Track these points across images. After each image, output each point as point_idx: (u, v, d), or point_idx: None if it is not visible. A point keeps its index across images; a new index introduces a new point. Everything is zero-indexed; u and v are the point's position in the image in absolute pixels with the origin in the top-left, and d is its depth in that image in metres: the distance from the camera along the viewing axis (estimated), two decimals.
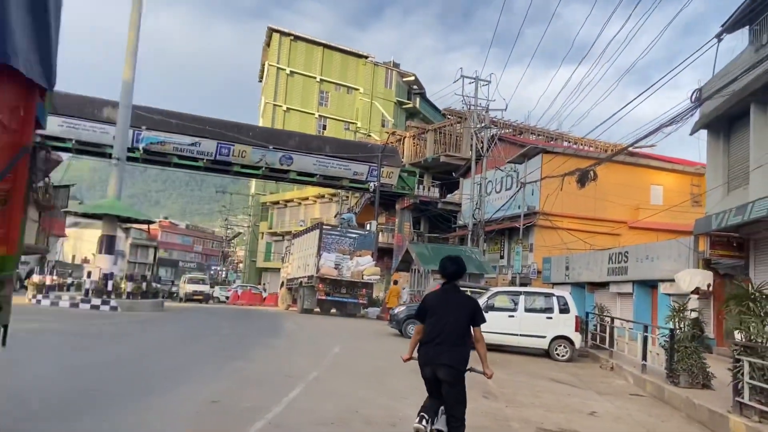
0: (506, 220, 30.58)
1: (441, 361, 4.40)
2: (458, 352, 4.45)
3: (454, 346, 4.43)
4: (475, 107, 29.96)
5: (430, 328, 4.53)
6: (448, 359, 4.39)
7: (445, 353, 4.40)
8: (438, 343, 4.43)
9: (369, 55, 63.53)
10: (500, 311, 14.64)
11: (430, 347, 4.46)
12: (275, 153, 31.41)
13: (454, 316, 4.50)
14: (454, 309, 4.55)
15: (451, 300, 4.61)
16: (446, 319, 4.48)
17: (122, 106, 19.32)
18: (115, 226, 19.75)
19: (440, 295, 4.73)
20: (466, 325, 4.52)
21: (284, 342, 12.99)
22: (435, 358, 4.42)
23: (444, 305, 4.58)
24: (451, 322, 4.47)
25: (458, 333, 4.48)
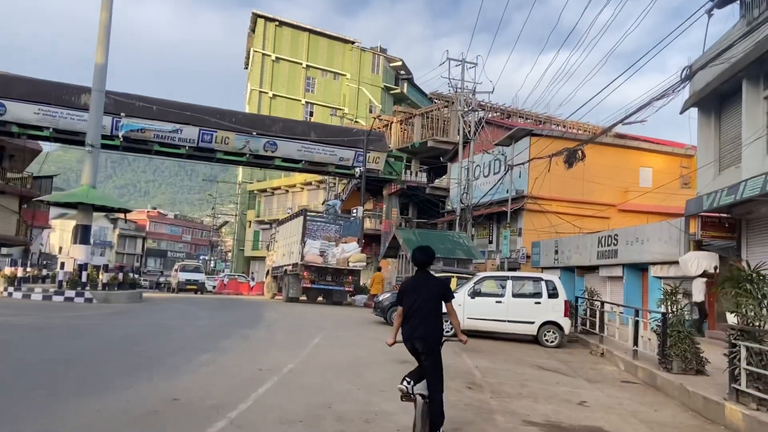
0: (495, 205, 30.14)
1: (417, 334, 5.18)
2: (432, 326, 5.24)
3: (427, 322, 5.19)
4: (461, 90, 29.39)
5: (407, 308, 5.26)
6: (422, 333, 5.18)
7: (420, 328, 5.18)
8: (414, 320, 5.17)
9: (355, 41, 62.61)
10: (487, 297, 14.22)
11: (409, 325, 5.21)
12: (259, 139, 30.70)
13: (426, 296, 5.23)
14: (426, 290, 5.27)
15: (423, 283, 5.34)
16: (420, 299, 5.21)
17: (95, 90, 18.58)
18: (90, 215, 19.04)
19: (414, 280, 5.44)
20: (437, 302, 5.28)
21: (262, 333, 12.48)
22: (412, 332, 5.18)
23: (417, 288, 5.29)
24: (424, 302, 5.20)
25: (430, 310, 5.22)
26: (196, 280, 34.32)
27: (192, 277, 34.35)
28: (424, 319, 5.21)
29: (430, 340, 5.22)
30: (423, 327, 5.20)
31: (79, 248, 18.21)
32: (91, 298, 16.94)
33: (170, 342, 10.45)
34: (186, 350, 9.57)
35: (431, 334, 5.23)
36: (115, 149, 29.92)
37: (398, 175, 34.79)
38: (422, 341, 5.18)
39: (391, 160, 34.81)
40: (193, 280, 33.86)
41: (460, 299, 14.11)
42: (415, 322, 5.20)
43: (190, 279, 34.00)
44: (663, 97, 9.79)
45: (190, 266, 37.55)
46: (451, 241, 26.40)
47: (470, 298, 14.09)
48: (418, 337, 5.17)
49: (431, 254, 5.51)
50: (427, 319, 5.21)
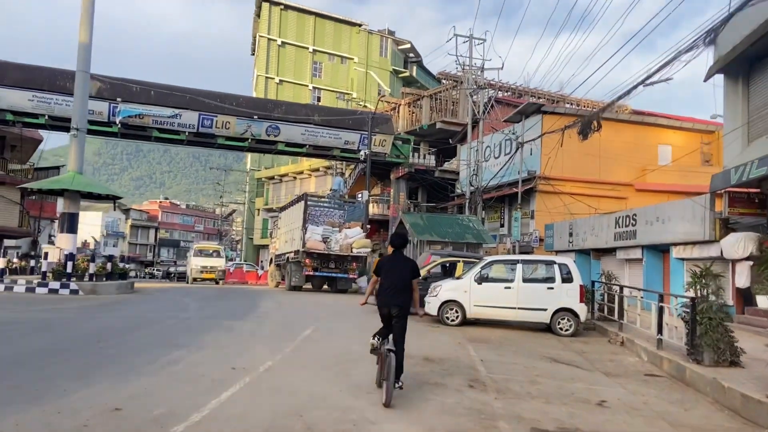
0: (506, 187, 28.96)
1: (394, 302, 6.42)
2: (404, 296, 6.49)
3: (402, 292, 6.48)
4: (469, 67, 28.11)
5: (385, 280, 6.53)
6: (398, 301, 6.43)
7: (396, 297, 6.44)
8: (390, 291, 6.47)
9: (362, 24, 61.20)
10: (496, 282, 13.15)
11: (386, 294, 6.48)
12: (261, 123, 29.69)
13: (400, 272, 6.53)
14: (401, 268, 6.58)
15: (399, 261, 6.65)
16: (396, 275, 6.52)
17: (79, 71, 17.64)
18: (77, 203, 18.17)
19: (391, 259, 6.72)
20: (409, 278, 6.54)
21: (250, 325, 11.51)
22: (390, 300, 6.43)
23: (394, 265, 6.60)
24: (399, 277, 6.51)
25: (404, 283, 6.51)
26: (214, 267, 28.21)
27: (209, 263, 28.15)
28: (400, 291, 6.49)
29: (404, 307, 6.46)
30: (399, 297, 6.47)
31: (66, 237, 17.35)
32: (77, 290, 16.09)
33: (143, 337, 9.52)
34: (157, 347, 8.63)
35: (405, 302, 6.49)
36: (114, 136, 29.09)
37: (406, 158, 33.63)
38: (398, 308, 6.42)
39: (398, 143, 33.66)
40: (210, 267, 27.79)
41: (466, 285, 13.08)
42: (392, 292, 6.48)
43: (206, 266, 27.94)
44: (692, 49, 8.56)
45: (207, 249, 30.59)
46: (460, 225, 25.31)
47: (477, 284, 13.03)
48: (395, 304, 6.42)
49: (406, 238, 7.13)
50: (402, 292, 6.51)
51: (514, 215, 23.77)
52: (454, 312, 13.10)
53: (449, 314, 13.10)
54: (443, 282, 13.60)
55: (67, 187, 17.23)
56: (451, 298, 13.11)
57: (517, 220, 23.41)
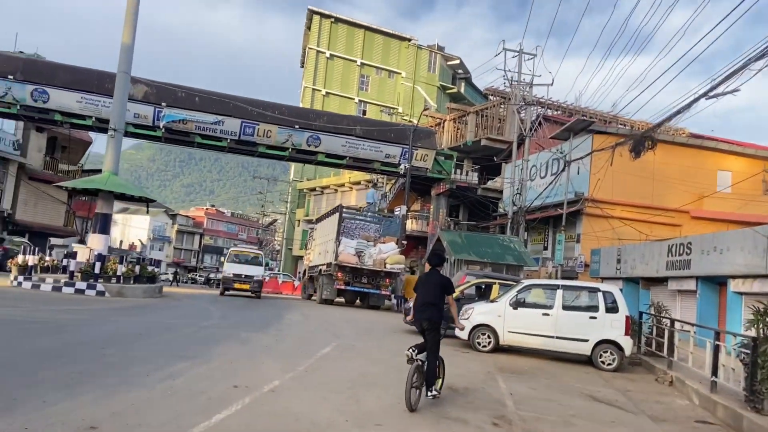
0: (551, 208, 27.82)
1: (425, 316, 6.89)
2: (436, 311, 6.92)
3: (432, 307, 6.92)
4: (518, 83, 27.24)
5: (419, 296, 7.04)
6: (429, 315, 6.89)
7: (427, 311, 6.91)
8: (424, 305, 6.94)
9: (412, 38, 60.97)
10: (533, 308, 12.22)
11: (419, 308, 6.97)
12: (302, 133, 29.48)
13: (433, 289, 6.99)
14: (434, 285, 7.02)
15: (433, 279, 7.08)
16: (429, 290, 7.01)
17: (120, 72, 17.66)
18: (111, 203, 18.09)
19: (427, 276, 7.21)
20: (441, 294, 7.00)
21: (269, 338, 10.93)
22: (422, 314, 6.91)
23: (428, 282, 7.08)
24: (431, 293, 6.98)
25: (436, 299, 6.96)
26: (250, 276, 23.15)
27: (245, 270, 23.34)
28: (431, 306, 6.95)
29: (435, 321, 6.91)
30: (429, 311, 6.92)
31: (97, 238, 17.25)
32: (104, 291, 15.89)
33: (152, 345, 9.04)
34: (162, 357, 8.11)
35: (436, 317, 6.92)
36: (157, 140, 29.38)
37: (447, 174, 32.84)
38: (429, 321, 6.87)
39: (440, 159, 32.93)
40: (245, 277, 23.01)
41: (501, 309, 12.20)
42: (423, 307, 6.96)
43: (241, 274, 23.13)
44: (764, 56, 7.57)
45: (246, 255, 25.79)
46: (500, 246, 24.34)
47: (512, 309, 12.14)
48: (426, 318, 6.89)
49: (443, 257, 7.62)
50: (433, 306, 6.94)
51: (557, 237, 22.63)
52: (486, 337, 12.23)
53: (481, 339, 12.24)
54: (476, 304, 12.76)
55: (101, 187, 17.18)
56: (484, 322, 12.26)
57: (561, 242, 22.28)
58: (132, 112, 27.43)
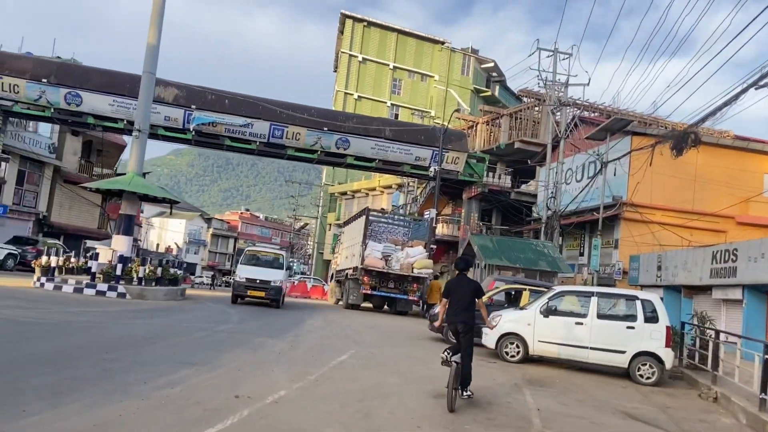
0: (587, 212, 26.80)
1: (459, 319, 7.31)
2: (468, 314, 7.33)
3: (465, 311, 7.34)
4: (552, 83, 26.36)
5: (452, 301, 7.46)
6: (462, 319, 7.31)
7: (460, 315, 7.33)
8: (457, 310, 7.37)
9: (445, 41, 60.30)
10: (565, 316, 11.48)
11: (453, 312, 7.41)
12: (331, 135, 29.14)
13: (464, 294, 7.42)
14: (465, 289, 7.46)
15: (463, 284, 7.53)
16: (460, 295, 7.43)
17: (145, 72, 17.57)
18: (135, 205, 17.99)
19: (457, 281, 7.62)
20: (471, 299, 7.42)
21: (284, 344, 10.45)
22: (455, 318, 7.35)
23: (459, 287, 7.50)
24: (463, 298, 7.41)
25: (467, 303, 7.38)
26: (266, 282, 18.67)
27: (260, 275, 18.88)
28: (464, 309, 7.26)
29: (468, 324, 7.20)
30: (463, 315, 7.24)
31: (121, 239, 17.12)
32: (124, 293, 15.70)
33: (158, 350, 8.65)
34: (166, 363, 7.71)
35: (470, 320, 7.24)
36: (187, 143, 29.45)
37: (480, 177, 32.05)
38: (463, 324, 7.18)
39: (472, 162, 32.19)
40: (260, 282, 18.65)
41: (530, 317, 11.49)
42: (457, 311, 7.28)
43: (256, 279, 18.70)
44: None
45: (266, 255, 21.36)
46: (534, 251, 23.49)
47: (543, 317, 11.41)
48: (460, 321, 7.20)
49: (469, 261, 8.08)
50: (466, 310, 7.26)
51: (594, 243, 21.68)
52: (514, 347, 11.53)
53: (509, 349, 11.54)
54: (504, 312, 12.07)
55: (124, 188, 17.08)
56: (512, 330, 11.56)
57: (597, 248, 21.32)
58: (162, 115, 27.60)
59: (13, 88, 25.71)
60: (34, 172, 31.31)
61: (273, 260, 20.76)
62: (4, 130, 27.30)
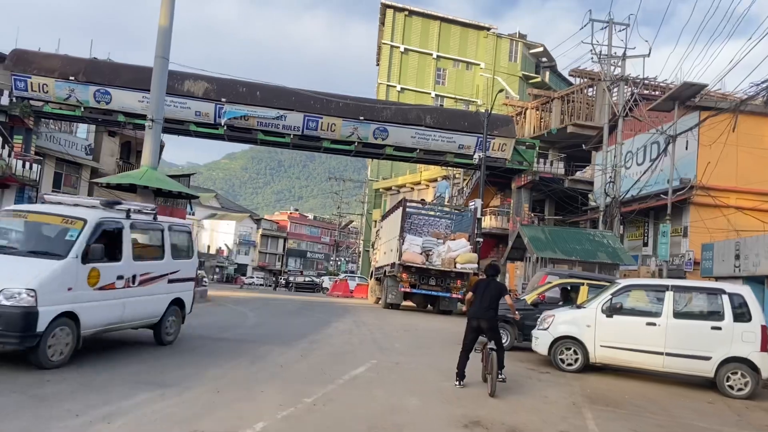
0: (651, 198, 24.24)
1: (483, 317, 7.79)
2: (492, 313, 7.85)
3: (489, 309, 7.83)
4: (607, 56, 23.93)
5: (478, 299, 7.94)
6: (486, 316, 7.79)
7: (484, 313, 7.80)
8: (482, 308, 7.82)
9: (491, 27, 57.81)
10: (633, 315, 9.45)
11: (477, 309, 7.89)
12: (368, 125, 27.47)
13: (490, 294, 7.90)
14: (492, 290, 7.95)
15: (491, 286, 8.03)
16: (486, 294, 7.89)
17: (158, 57, 16.34)
18: (150, 200, 16.74)
19: (486, 282, 8.16)
20: (496, 299, 7.91)
21: (293, 353, 8.81)
22: (481, 315, 7.80)
23: (486, 287, 7.99)
24: (488, 297, 7.87)
25: (493, 303, 7.87)
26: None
27: None
28: (487, 308, 7.85)
29: (492, 321, 7.83)
30: (487, 313, 7.83)
31: None
32: None
33: (129, 365, 7.17)
34: (125, 383, 6.22)
35: (491, 317, 7.84)
36: (220, 138, 28.39)
37: (529, 165, 29.76)
38: (486, 321, 7.79)
39: (521, 148, 29.91)
40: None
41: (590, 317, 9.51)
42: (481, 309, 7.85)
43: None
44: None
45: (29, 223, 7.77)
46: (591, 242, 21.23)
47: (605, 316, 9.40)
48: (483, 319, 7.79)
49: (498, 269, 8.76)
50: (489, 309, 7.85)
51: (662, 229, 19.23)
52: (571, 353, 9.55)
53: (564, 356, 9.57)
54: (557, 311, 10.09)
55: (135, 182, 15.90)
56: (569, 333, 9.59)
57: (666, 235, 18.86)
58: (193, 110, 26.64)
59: (42, 87, 25.20)
60: (71, 174, 30.95)
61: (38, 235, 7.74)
62: (37, 132, 26.90)
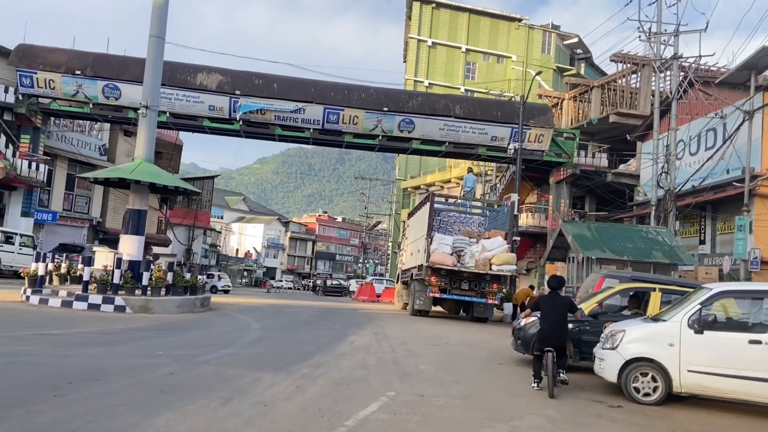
0: (707, 191, 21.74)
1: (553, 342, 7.31)
2: (562, 334, 7.46)
3: (559, 331, 7.44)
4: (656, 34, 21.49)
5: (547, 321, 7.51)
6: (557, 342, 7.34)
7: (554, 337, 7.36)
8: (549, 328, 7.42)
9: (522, 18, 55.30)
10: (730, 331, 7.22)
11: (545, 331, 7.47)
12: (393, 117, 25.51)
13: (557, 311, 7.51)
14: (557, 307, 7.57)
15: (556, 301, 7.66)
16: (553, 312, 7.50)
17: (153, 36, 14.59)
18: (145, 197, 15.00)
19: (549, 298, 7.77)
20: (565, 316, 7.56)
21: (284, 384, 6.77)
22: (549, 338, 7.34)
23: (551, 303, 7.63)
24: (555, 315, 7.48)
25: (561, 322, 7.50)
26: None
27: None
28: (557, 328, 7.43)
29: (562, 345, 7.45)
30: (557, 334, 7.41)
31: (129, 240, 14.12)
32: (124, 306, 12.63)
33: (44, 412, 5.24)
34: None
35: (562, 339, 7.47)
36: (236, 134, 26.75)
37: (569, 157, 27.37)
38: (556, 345, 7.31)
39: (559, 140, 27.59)
40: None
41: (673, 333, 7.28)
42: (550, 330, 7.41)
43: None
44: None
45: None
46: (644, 239, 18.87)
47: (693, 332, 7.17)
48: (555, 345, 7.30)
49: (562, 281, 8.05)
50: (559, 329, 7.46)
51: (738, 222, 16.74)
52: (648, 380, 7.32)
53: (640, 384, 7.34)
54: (628, 325, 7.87)
55: (125, 176, 14.16)
56: (645, 354, 7.36)
57: (744, 229, 16.36)
58: (207, 104, 25.12)
59: (48, 83, 23.90)
60: None
61: None
62: (46, 131, 25.66)
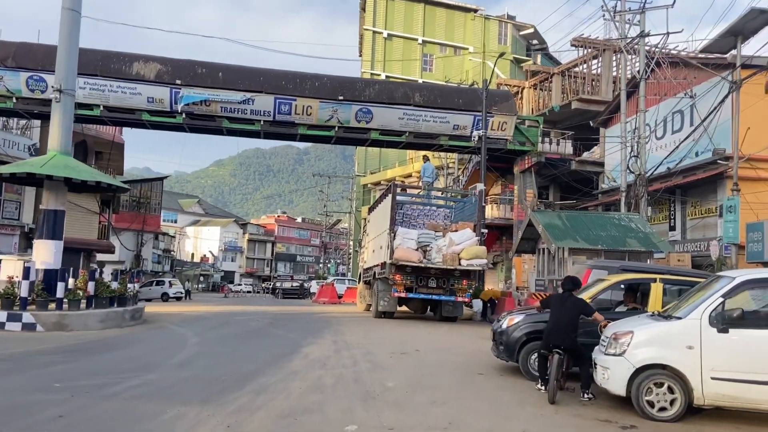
0: (677, 175, 21.01)
1: (557, 343, 6.79)
2: (569, 337, 6.82)
3: (566, 333, 6.81)
4: (621, 12, 20.59)
5: (553, 318, 7.00)
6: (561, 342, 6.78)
7: (560, 337, 6.80)
8: (556, 329, 6.85)
9: (478, 8, 54.53)
10: (761, 329, 5.98)
11: (551, 332, 6.93)
12: (349, 106, 23.95)
13: (570, 314, 6.90)
14: (570, 309, 6.93)
15: (569, 302, 6.99)
16: (562, 312, 6.91)
17: (65, 9, 12.70)
18: (62, 195, 12.98)
19: (561, 298, 7.10)
20: (577, 318, 6.93)
21: (217, 420, 5.20)
22: (554, 339, 6.84)
23: (562, 303, 7.02)
24: (567, 317, 6.88)
25: (572, 324, 6.89)
26: None
27: None
28: (563, 331, 6.83)
29: (566, 343, 6.80)
30: (562, 336, 6.81)
31: (44, 246, 12.08)
32: (34, 324, 10.74)
33: None
34: None
35: (572, 341, 6.84)
36: (179, 129, 24.73)
37: (533, 145, 26.33)
38: (561, 346, 6.76)
39: (522, 127, 26.50)
40: None
41: (692, 333, 5.99)
42: (557, 331, 6.87)
43: None
44: None
45: None
46: (616, 227, 17.85)
47: (716, 331, 5.89)
48: (563, 347, 6.76)
49: (578, 283, 7.35)
50: (566, 331, 6.83)
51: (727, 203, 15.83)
52: (664, 391, 6.02)
53: (654, 396, 6.02)
54: (634, 324, 6.56)
55: (35, 171, 12.22)
56: (658, 360, 6.06)
57: (734, 210, 15.43)
58: (145, 96, 23.06)
59: None
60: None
61: None
62: None
